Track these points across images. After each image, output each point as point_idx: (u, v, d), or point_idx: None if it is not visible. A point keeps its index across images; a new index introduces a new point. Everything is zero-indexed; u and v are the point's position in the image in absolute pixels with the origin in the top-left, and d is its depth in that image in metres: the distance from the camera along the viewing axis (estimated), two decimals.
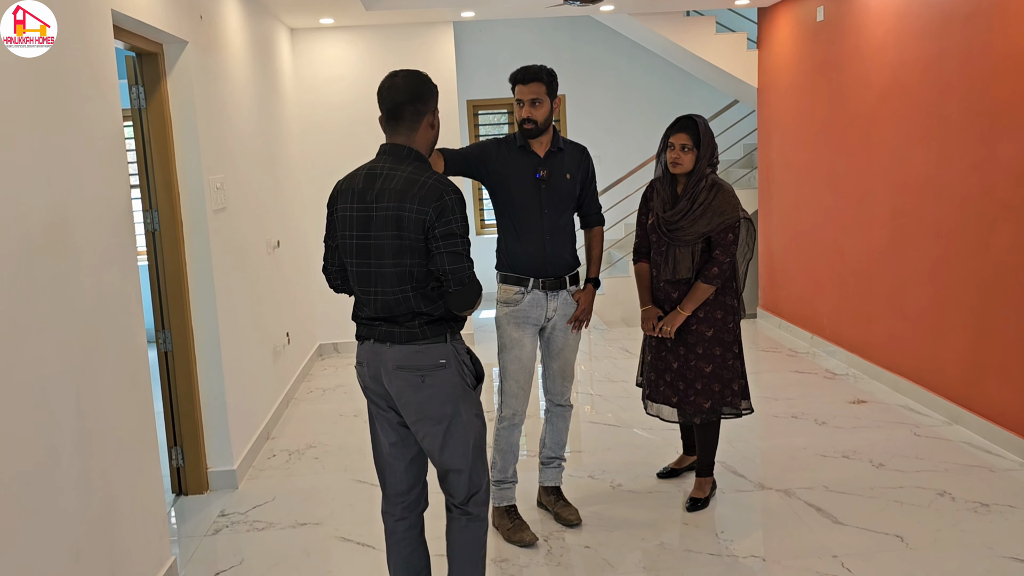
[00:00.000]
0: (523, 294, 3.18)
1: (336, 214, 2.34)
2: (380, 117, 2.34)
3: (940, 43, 4.23)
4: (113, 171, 2.74)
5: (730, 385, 3.33)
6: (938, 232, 4.32)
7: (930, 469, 3.71)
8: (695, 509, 3.41)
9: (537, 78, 3.07)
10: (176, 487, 3.84)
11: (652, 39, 7.15)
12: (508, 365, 3.21)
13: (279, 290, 5.14)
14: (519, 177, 3.14)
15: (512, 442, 3.28)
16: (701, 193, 3.23)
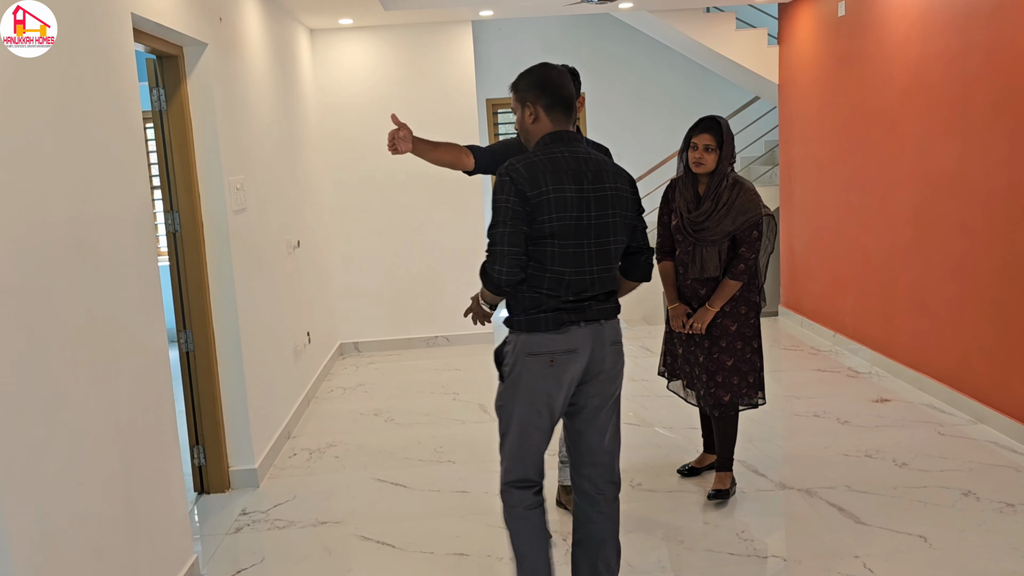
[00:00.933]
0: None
1: (542, 197, 2.26)
2: (542, 104, 2.37)
3: (965, 38, 4.17)
4: (133, 173, 2.77)
5: (746, 378, 3.39)
6: (962, 229, 4.26)
7: (954, 468, 3.66)
8: (717, 498, 3.43)
9: (573, 82, 3.04)
10: (198, 486, 3.88)
11: (672, 36, 7.11)
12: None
13: (299, 290, 5.17)
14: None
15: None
16: (724, 192, 3.27)
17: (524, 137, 2.45)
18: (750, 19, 7.57)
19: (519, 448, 2.41)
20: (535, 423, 2.38)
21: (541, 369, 2.33)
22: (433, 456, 4.19)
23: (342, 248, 6.39)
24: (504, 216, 2.27)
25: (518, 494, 2.42)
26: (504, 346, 2.41)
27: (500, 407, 2.43)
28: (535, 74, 2.41)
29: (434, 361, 6.09)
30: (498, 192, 2.28)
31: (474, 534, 3.29)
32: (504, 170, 2.29)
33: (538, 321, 2.32)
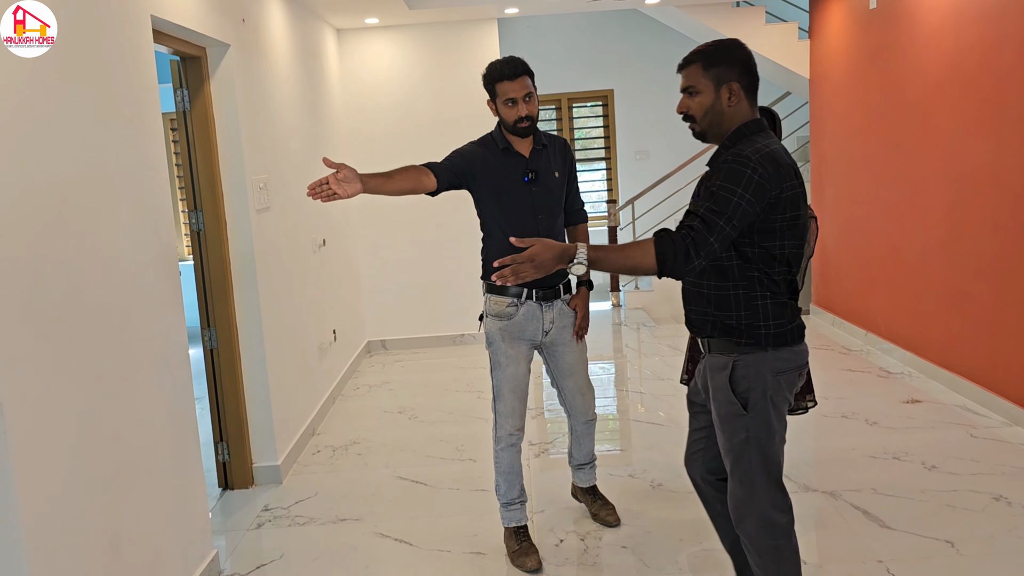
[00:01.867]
0: (517, 306, 2.99)
1: (783, 194, 2.06)
2: (744, 85, 2.13)
3: (1000, 28, 4.05)
4: (155, 173, 2.81)
5: None
6: (997, 225, 4.15)
7: (986, 472, 3.56)
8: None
9: (524, 70, 2.88)
10: (222, 481, 3.93)
11: (701, 31, 7.03)
12: (503, 384, 3.02)
13: (325, 288, 5.21)
14: (509, 181, 2.95)
15: (514, 462, 3.08)
16: None
17: (710, 121, 2.15)
18: (781, 13, 7.45)
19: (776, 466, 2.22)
20: (783, 442, 2.22)
21: (789, 386, 2.17)
22: (455, 454, 4.19)
23: (369, 246, 6.42)
24: (734, 212, 1.99)
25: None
26: (735, 372, 2.15)
27: (745, 439, 2.16)
28: (739, 50, 2.14)
29: (460, 359, 6.09)
30: (732, 181, 2.00)
31: (492, 533, 3.29)
32: (743, 159, 2.02)
33: (786, 333, 2.14)
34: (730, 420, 2.17)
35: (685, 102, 2.19)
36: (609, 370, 5.97)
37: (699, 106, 2.15)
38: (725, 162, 2.05)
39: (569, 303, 3.09)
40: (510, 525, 3.13)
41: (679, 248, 1.97)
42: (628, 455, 4.21)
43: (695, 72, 2.15)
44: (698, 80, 2.14)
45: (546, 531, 3.30)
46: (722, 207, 1.99)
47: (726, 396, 2.16)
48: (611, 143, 8.66)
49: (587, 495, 3.39)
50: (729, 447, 2.20)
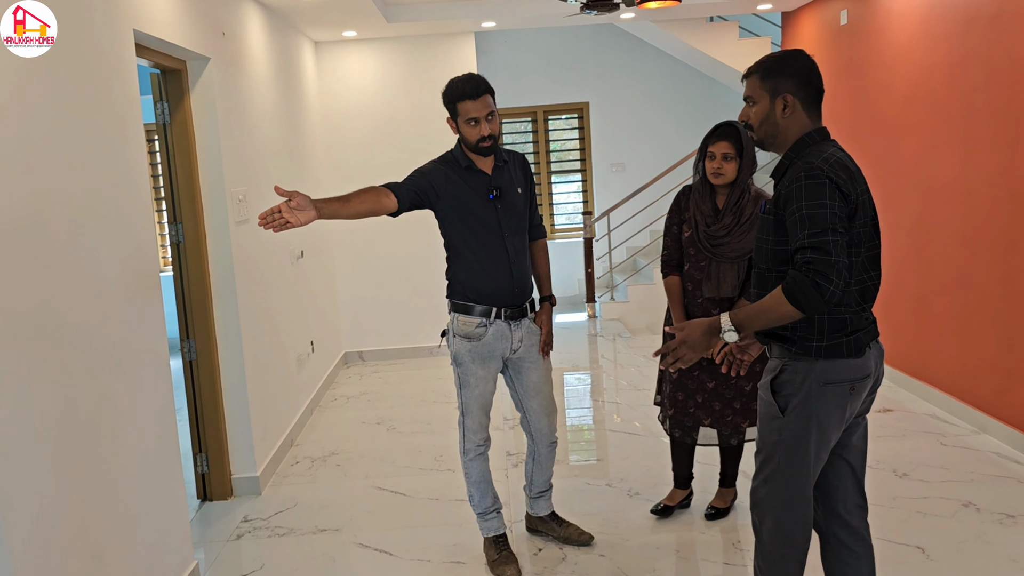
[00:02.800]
0: (486, 326, 2.94)
1: (860, 198, 2.07)
2: (801, 96, 2.16)
3: (965, 46, 4.18)
4: (135, 186, 2.81)
5: None
6: (965, 238, 4.26)
7: (956, 479, 3.65)
8: (715, 518, 3.38)
9: (486, 89, 2.84)
10: (201, 493, 3.91)
11: (675, 45, 7.14)
12: (471, 403, 3.01)
13: (303, 299, 5.21)
14: (473, 200, 2.90)
15: (484, 471, 3.08)
16: (747, 206, 3.07)
17: (766, 130, 2.18)
18: (753, 28, 7.59)
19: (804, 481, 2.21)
20: (820, 456, 2.19)
21: (838, 398, 2.13)
22: (433, 465, 4.21)
23: (346, 258, 6.43)
24: (832, 222, 1.98)
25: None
26: (780, 375, 2.15)
27: (778, 441, 2.17)
28: (797, 62, 2.17)
29: (437, 370, 6.11)
30: (815, 196, 2.00)
31: (471, 543, 3.31)
32: (815, 171, 2.03)
33: (840, 346, 2.10)
34: (767, 420, 2.21)
35: (745, 111, 2.23)
36: (585, 381, 6.02)
37: (756, 116, 2.20)
38: (798, 181, 2.04)
39: (535, 320, 3.07)
40: (488, 535, 3.14)
41: (805, 284, 1.97)
42: (605, 465, 4.25)
43: (753, 83, 2.19)
44: (755, 91, 2.19)
45: (525, 540, 3.33)
46: (821, 223, 1.99)
47: (767, 397, 2.20)
48: (587, 155, 8.74)
49: (549, 522, 3.30)
50: (762, 444, 2.25)
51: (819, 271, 1.97)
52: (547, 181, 8.79)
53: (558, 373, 5.99)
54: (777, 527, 2.22)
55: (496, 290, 2.95)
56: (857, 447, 2.29)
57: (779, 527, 2.22)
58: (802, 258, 2.01)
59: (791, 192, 2.05)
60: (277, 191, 2.39)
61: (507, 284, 2.95)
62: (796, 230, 2.03)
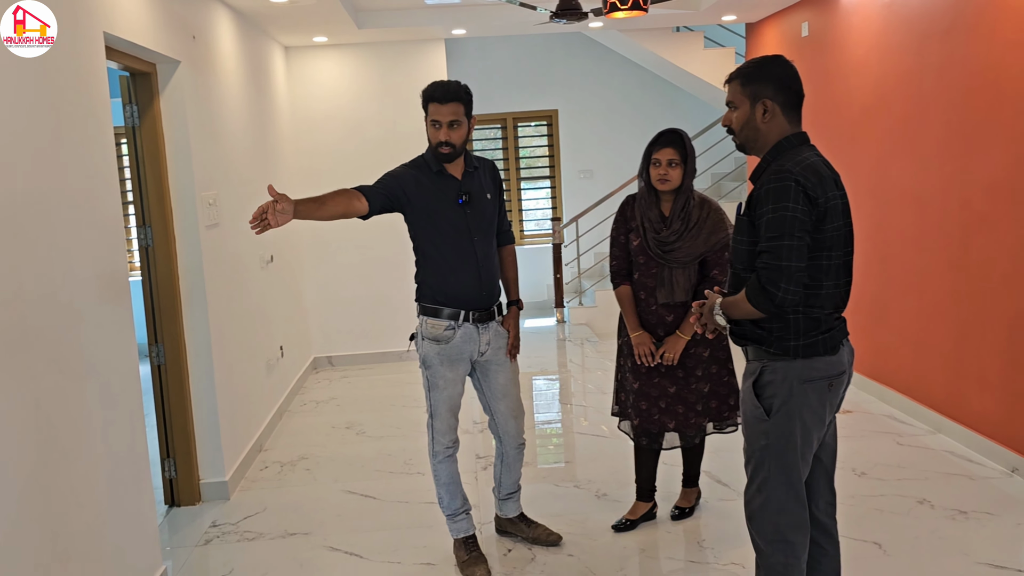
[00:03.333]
0: (454, 329, 2.98)
1: (829, 203, 2.10)
2: (780, 101, 2.19)
3: (919, 58, 4.32)
4: (104, 189, 2.82)
5: (726, 400, 3.25)
6: (919, 244, 4.39)
7: (911, 478, 3.76)
8: (680, 518, 3.44)
9: (456, 97, 2.85)
10: (169, 498, 3.90)
11: (642, 54, 7.26)
12: (439, 405, 3.04)
13: (273, 304, 5.21)
14: (443, 204, 2.94)
15: (453, 473, 3.12)
16: (694, 211, 3.11)
17: (747, 135, 2.24)
18: (719, 38, 7.73)
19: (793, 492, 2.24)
20: (806, 455, 2.21)
21: (818, 395, 2.18)
22: (402, 468, 4.24)
23: (316, 263, 6.43)
24: (791, 227, 2.05)
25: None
26: (762, 377, 2.19)
27: (766, 445, 2.19)
28: (774, 68, 2.21)
29: (407, 375, 6.12)
30: (780, 199, 2.06)
31: (441, 544, 3.34)
32: (784, 174, 2.08)
33: (817, 344, 2.15)
34: (753, 424, 2.23)
35: (728, 115, 2.28)
36: (554, 385, 6.08)
37: (737, 120, 2.24)
38: (768, 184, 2.10)
39: (502, 323, 3.11)
40: (458, 536, 3.18)
41: (758, 289, 2.09)
42: (573, 467, 4.31)
43: (735, 88, 2.24)
44: (736, 96, 2.23)
45: (494, 541, 3.37)
46: (779, 228, 2.06)
47: (751, 401, 2.22)
48: (556, 162, 8.82)
49: (518, 523, 3.35)
50: (751, 453, 2.25)
51: (769, 278, 2.06)
52: (516, 187, 8.85)
53: (527, 377, 6.04)
54: (777, 535, 2.22)
55: (464, 293, 2.99)
56: (829, 445, 2.36)
57: (779, 535, 2.22)
58: (759, 262, 2.10)
59: (760, 195, 2.12)
60: (270, 191, 2.47)
61: (475, 287, 3.00)
62: (762, 232, 2.10)
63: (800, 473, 2.21)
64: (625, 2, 3.49)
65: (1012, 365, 3.70)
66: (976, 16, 3.83)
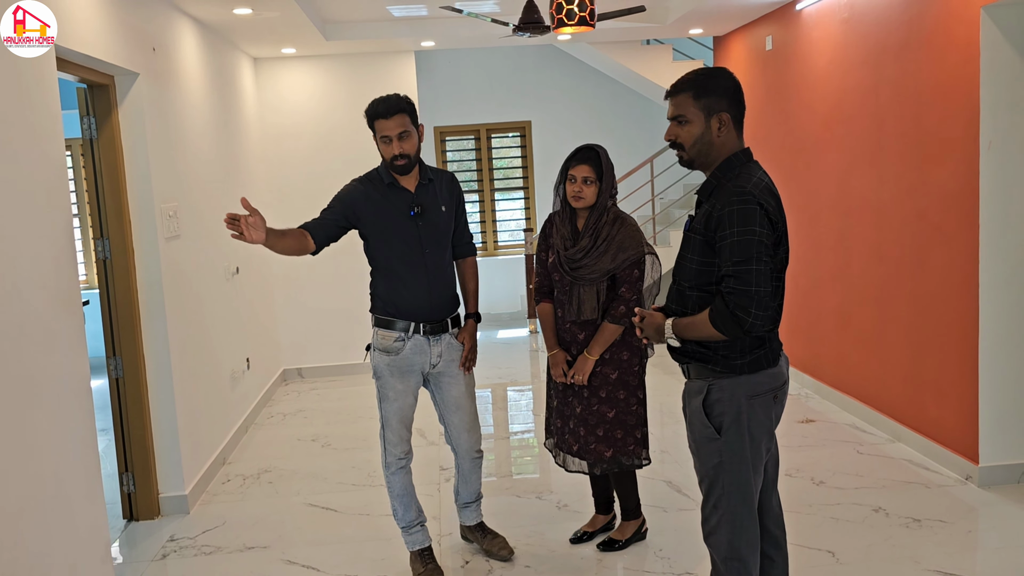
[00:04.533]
0: (404, 340, 2.99)
1: (784, 225, 2.13)
2: (733, 115, 2.17)
3: (877, 72, 4.38)
4: (54, 201, 2.80)
5: (633, 432, 3.12)
6: (879, 255, 4.45)
7: (868, 486, 3.80)
8: (608, 550, 3.27)
9: (399, 109, 2.87)
10: (127, 513, 3.86)
11: (612, 67, 7.31)
12: (390, 416, 3.05)
13: (239, 316, 5.18)
14: (393, 217, 2.96)
15: (406, 484, 3.11)
16: (604, 228, 3.05)
17: (699, 150, 2.17)
18: (688, 51, 7.80)
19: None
20: (757, 469, 2.22)
21: (765, 408, 2.18)
22: (366, 480, 4.23)
23: (284, 275, 6.41)
24: (757, 251, 2.03)
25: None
26: (709, 396, 2.18)
27: (719, 463, 2.18)
28: (727, 80, 2.17)
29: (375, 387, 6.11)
30: (746, 223, 2.03)
31: (399, 556, 3.33)
32: (747, 196, 2.05)
33: (760, 359, 2.17)
34: (705, 444, 2.20)
35: (674, 130, 2.19)
36: (526, 395, 6.08)
37: (688, 135, 2.16)
38: (730, 205, 2.06)
39: (457, 337, 3.11)
40: (413, 548, 3.17)
41: (726, 315, 2.05)
42: (535, 478, 4.31)
43: (685, 101, 2.15)
44: (688, 109, 2.14)
45: (452, 553, 3.37)
46: (746, 252, 2.03)
47: (700, 420, 2.19)
48: (529, 172, 8.86)
49: (476, 532, 3.35)
50: (704, 472, 2.23)
51: (738, 304, 2.04)
52: (490, 198, 8.88)
53: (500, 388, 6.05)
54: (732, 552, 2.21)
55: (415, 306, 3.01)
56: (773, 455, 2.37)
57: (734, 552, 2.21)
58: (725, 287, 2.07)
59: (723, 217, 2.07)
60: (243, 203, 2.58)
61: (425, 300, 3.01)
62: (725, 255, 2.07)
63: (753, 488, 2.23)
64: (572, 17, 3.52)
65: (966, 374, 3.75)
66: (929, 32, 3.90)
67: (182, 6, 4.37)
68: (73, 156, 6.95)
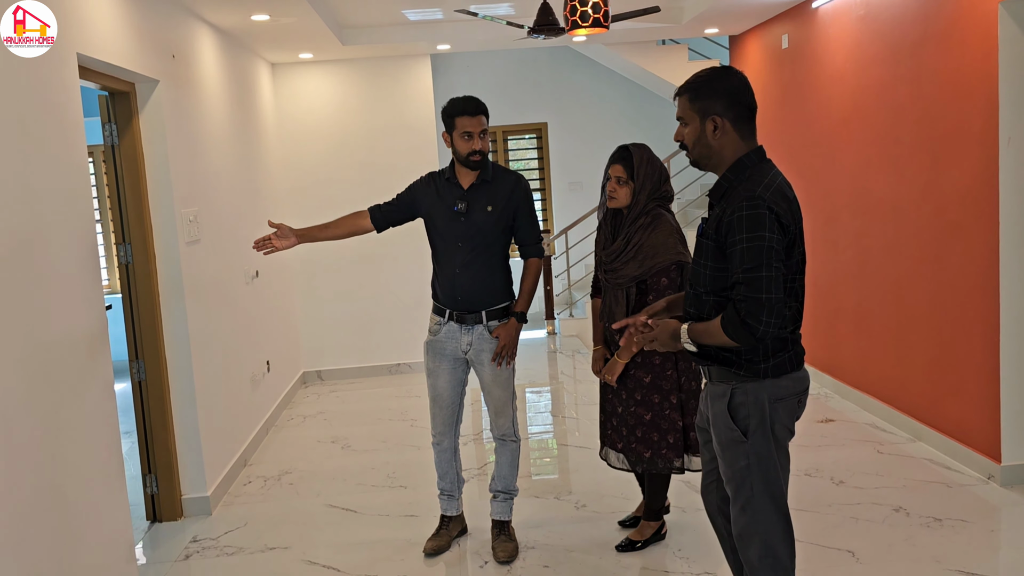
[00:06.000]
0: (441, 325, 3.27)
1: (797, 228, 2.12)
2: (730, 116, 2.15)
3: (894, 69, 4.36)
4: (77, 208, 2.85)
5: (666, 436, 3.10)
6: (897, 253, 4.42)
7: (889, 486, 3.77)
8: (624, 550, 3.28)
9: (483, 110, 3.16)
10: (150, 514, 3.91)
11: (627, 67, 7.31)
12: (429, 391, 3.36)
13: (259, 319, 5.23)
14: (441, 209, 3.21)
15: (440, 460, 3.39)
16: (637, 232, 3.02)
17: (699, 151, 2.19)
18: (704, 50, 7.78)
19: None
20: (785, 467, 2.23)
21: (789, 412, 2.19)
22: (386, 482, 4.25)
23: (304, 278, 6.47)
24: (768, 257, 2.02)
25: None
26: (734, 398, 2.17)
27: (746, 466, 2.17)
28: (724, 81, 2.16)
29: (395, 388, 6.15)
30: (755, 228, 2.03)
31: (419, 557, 3.36)
32: (757, 201, 2.04)
33: (785, 363, 2.16)
34: (731, 447, 2.19)
35: (680, 131, 2.22)
36: (545, 397, 6.09)
37: (689, 137, 2.19)
38: (740, 211, 2.05)
39: (493, 331, 3.23)
40: (441, 512, 3.47)
41: (737, 322, 2.04)
42: (558, 479, 4.32)
43: (683, 103, 2.18)
44: (685, 111, 2.18)
45: (472, 553, 3.39)
46: (756, 258, 2.02)
47: (726, 423, 2.18)
48: (546, 174, 8.87)
49: (494, 528, 3.40)
50: (731, 474, 2.21)
51: (750, 311, 2.02)
52: None
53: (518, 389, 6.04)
54: (766, 551, 2.20)
55: (444, 295, 3.26)
56: None
57: (768, 550, 2.20)
58: (736, 294, 2.05)
59: (732, 222, 2.06)
60: (270, 224, 3.15)
61: (450, 291, 3.23)
62: (735, 262, 2.06)
63: (782, 487, 2.22)
64: (586, 19, 3.53)
65: (987, 371, 3.72)
66: (947, 27, 3.88)
67: (201, 13, 4.42)
68: (95, 163, 7.05)
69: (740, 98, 2.16)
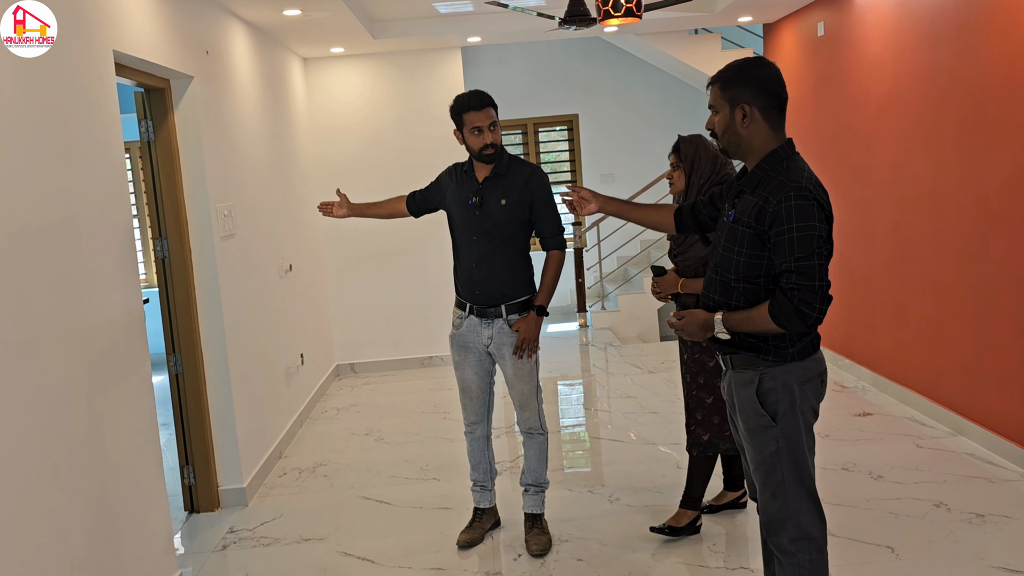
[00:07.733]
0: (462, 319, 3.28)
1: (833, 218, 2.16)
2: (760, 105, 2.16)
3: (934, 56, 4.26)
4: (115, 205, 2.89)
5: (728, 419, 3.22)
6: (937, 244, 4.33)
7: (929, 480, 3.71)
8: (661, 532, 3.29)
9: (490, 102, 3.12)
10: (188, 505, 3.97)
11: (660, 57, 7.24)
12: (458, 383, 3.39)
13: (292, 312, 5.28)
14: (458, 202, 3.22)
15: (472, 449, 3.42)
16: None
17: (728, 140, 2.21)
18: (737, 39, 7.68)
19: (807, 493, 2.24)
20: (812, 450, 2.24)
21: (815, 392, 2.21)
22: (419, 474, 4.27)
23: (337, 271, 6.51)
24: (818, 246, 2.06)
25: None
26: (763, 383, 2.18)
27: (776, 450, 2.18)
28: (755, 71, 2.18)
29: (428, 381, 6.17)
30: (806, 218, 2.05)
31: (452, 549, 3.37)
32: (805, 192, 2.07)
33: (807, 346, 2.19)
34: (760, 432, 2.20)
35: (711, 119, 2.24)
36: (577, 390, 6.08)
37: (719, 125, 2.22)
38: (787, 200, 2.07)
39: (513, 325, 3.20)
40: (474, 505, 3.49)
41: (789, 310, 2.06)
42: (591, 472, 4.31)
43: (715, 92, 2.22)
44: (716, 100, 2.21)
45: (505, 546, 3.39)
46: (807, 247, 2.05)
47: (754, 409, 2.20)
48: (577, 166, 8.83)
49: (527, 522, 3.40)
50: (760, 460, 2.22)
51: (803, 299, 2.05)
52: None
53: (551, 382, 6.05)
54: (799, 533, 2.20)
55: (465, 289, 3.27)
56: None
57: (800, 532, 2.20)
58: (787, 282, 2.08)
59: (779, 212, 2.07)
60: (338, 192, 3.57)
61: (468, 285, 3.24)
62: (783, 251, 2.08)
63: (811, 470, 2.22)
64: (619, 9, 3.49)
65: None
66: (988, 13, 3.78)
67: (233, 9, 4.46)
68: (132, 158, 7.15)
69: (770, 88, 2.17)
